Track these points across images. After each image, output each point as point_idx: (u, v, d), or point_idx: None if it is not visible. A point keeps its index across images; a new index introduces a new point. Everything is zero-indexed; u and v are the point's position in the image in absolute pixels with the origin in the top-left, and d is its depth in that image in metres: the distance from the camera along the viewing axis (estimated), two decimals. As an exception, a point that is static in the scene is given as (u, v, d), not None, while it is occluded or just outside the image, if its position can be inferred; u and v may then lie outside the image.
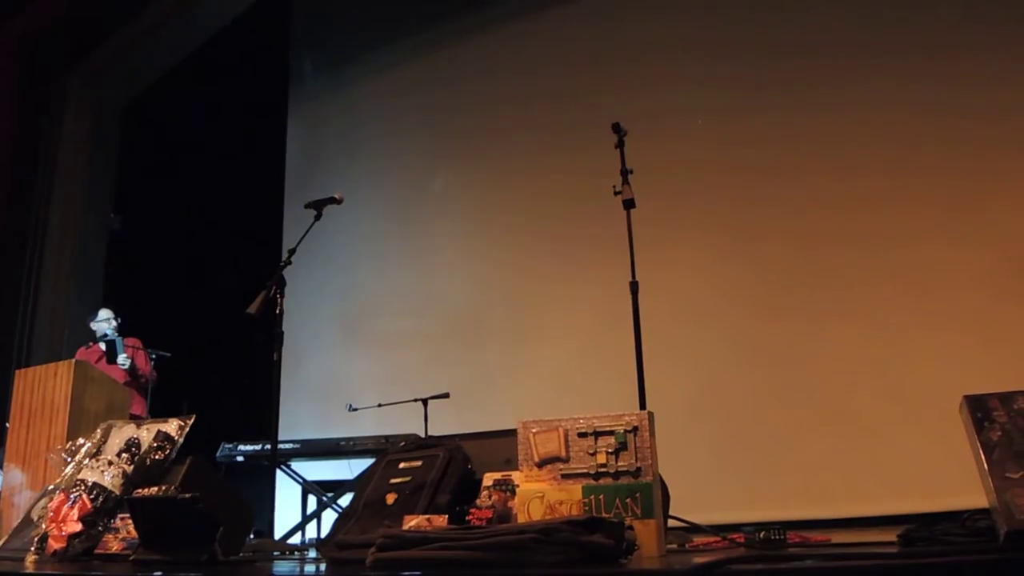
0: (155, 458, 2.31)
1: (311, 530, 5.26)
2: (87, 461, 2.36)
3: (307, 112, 8.10)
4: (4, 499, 3.94)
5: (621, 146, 3.73)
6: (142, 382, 5.47)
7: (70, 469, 2.43)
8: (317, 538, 4.95)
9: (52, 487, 2.48)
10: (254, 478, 4.99)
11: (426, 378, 5.65)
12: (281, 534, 4.66)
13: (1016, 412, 1.44)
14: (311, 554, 3.03)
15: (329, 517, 5.15)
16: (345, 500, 4.91)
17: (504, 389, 5.79)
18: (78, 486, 2.27)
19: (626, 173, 3.65)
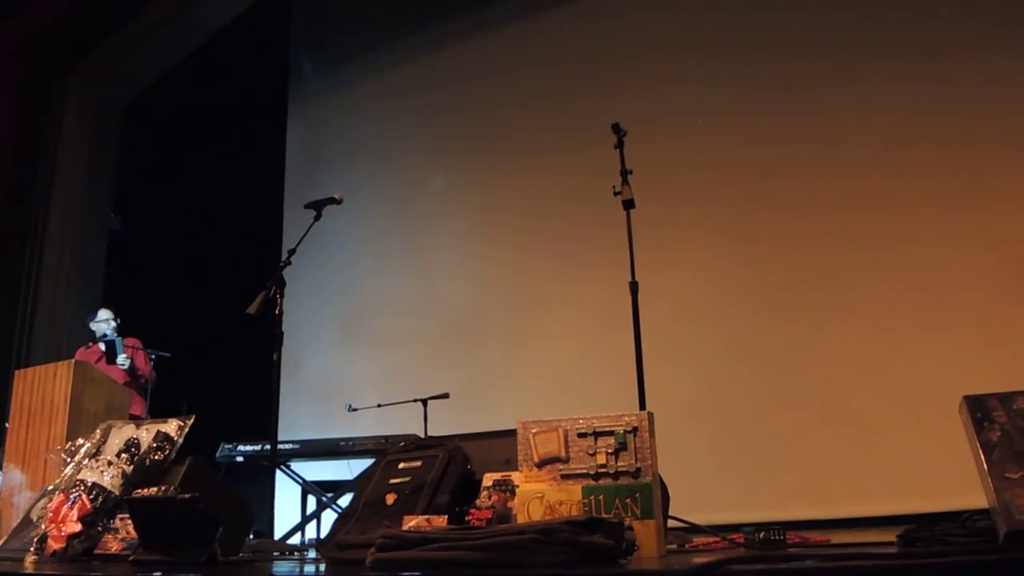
0: (155, 458, 2.31)
1: (311, 530, 5.26)
2: (86, 461, 2.36)
3: (307, 112, 8.09)
4: (4, 499, 3.94)
5: (621, 146, 3.73)
6: (142, 382, 5.47)
7: (69, 469, 2.43)
8: (317, 538, 4.95)
9: (51, 487, 2.48)
10: (254, 478, 4.99)
11: (426, 378, 5.64)
12: (281, 534, 4.66)
13: (1016, 412, 1.44)
14: (311, 554, 3.02)
15: (329, 517, 5.15)
16: (345, 500, 4.91)
17: (504, 389, 5.79)
18: (77, 486, 2.27)
19: (626, 173, 3.65)
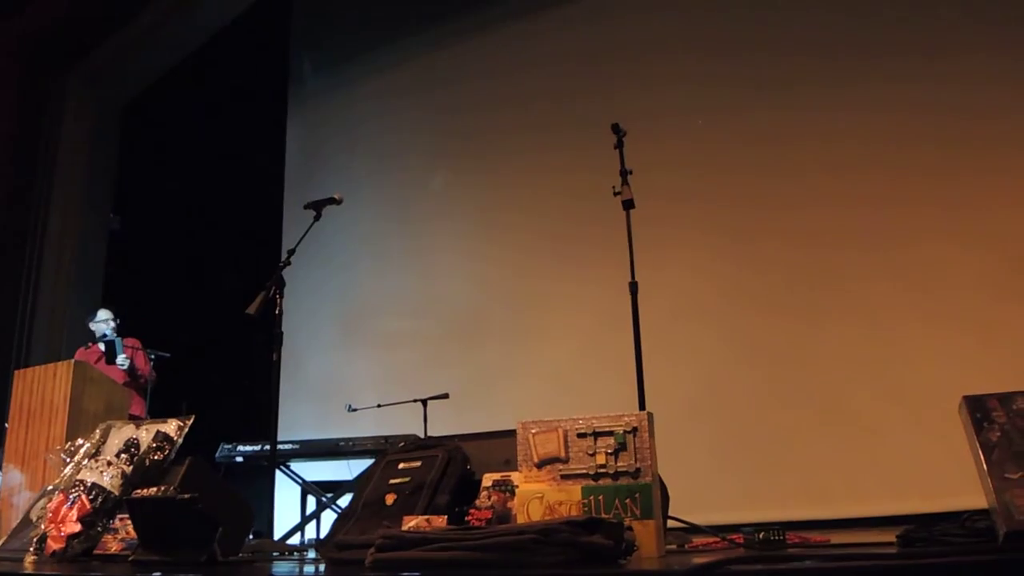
0: (154, 459, 2.31)
1: (310, 531, 5.26)
2: (86, 462, 2.36)
3: (307, 112, 8.10)
4: (3, 499, 3.94)
5: (620, 147, 3.73)
6: (141, 382, 5.47)
7: (69, 470, 2.43)
8: (316, 539, 4.95)
9: (51, 488, 2.48)
10: (253, 478, 5.00)
11: (425, 378, 5.64)
12: (280, 535, 4.66)
13: (1015, 413, 1.44)
14: (310, 555, 3.02)
15: (328, 518, 5.16)
16: (344, 501, 4.91)
17: (503, 389, 5.79)
18: (77, 487, 2.27)
19: (625, 174, 3.65)
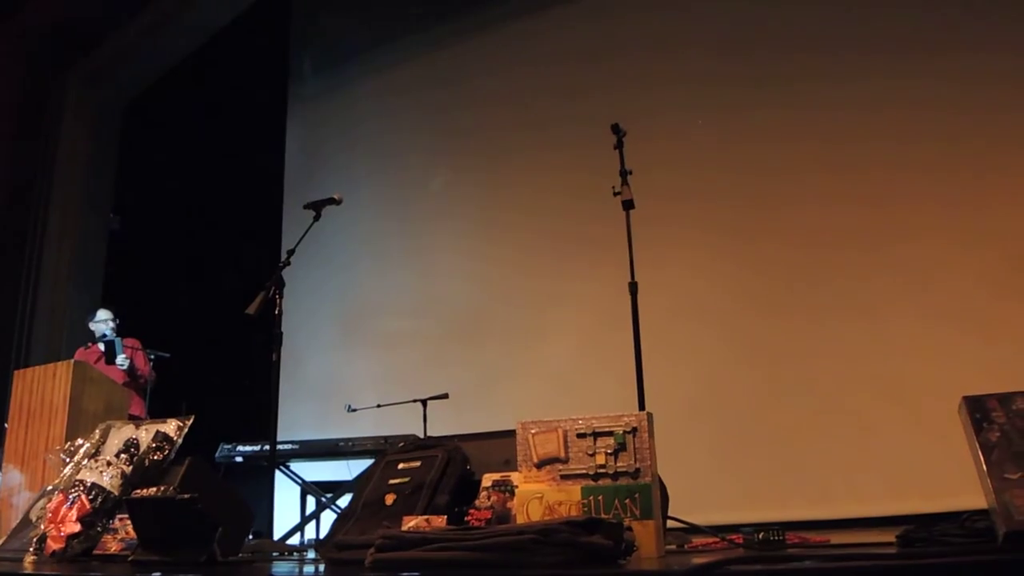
0: (154, 459, 2.31)
1: (310, 531, 5.26)
2: (86, 462, 2.36)
3: (307, 112, 8.10)
4: (3, 499, 3.94)
5: (620, 147, 3.73)
6: (141, 382, 5.47)
7: (69, 470, 2.43)
8: (316, 539, 4.95)
9: (51, 488, 2.48)
10: (253, 479, 4.99)
11: (425, 378, 5.64)
12: (280, 535, 4.65)
13: (1015, 413, 1.44)
14: (310, 555, 3.02)
15: (328, 518, 5.16)
16: (344, 501, 4.91)
17: (503, 389, 5.79)
18: (77, 487, 2.27)
19: (625, 174, 3.65)
